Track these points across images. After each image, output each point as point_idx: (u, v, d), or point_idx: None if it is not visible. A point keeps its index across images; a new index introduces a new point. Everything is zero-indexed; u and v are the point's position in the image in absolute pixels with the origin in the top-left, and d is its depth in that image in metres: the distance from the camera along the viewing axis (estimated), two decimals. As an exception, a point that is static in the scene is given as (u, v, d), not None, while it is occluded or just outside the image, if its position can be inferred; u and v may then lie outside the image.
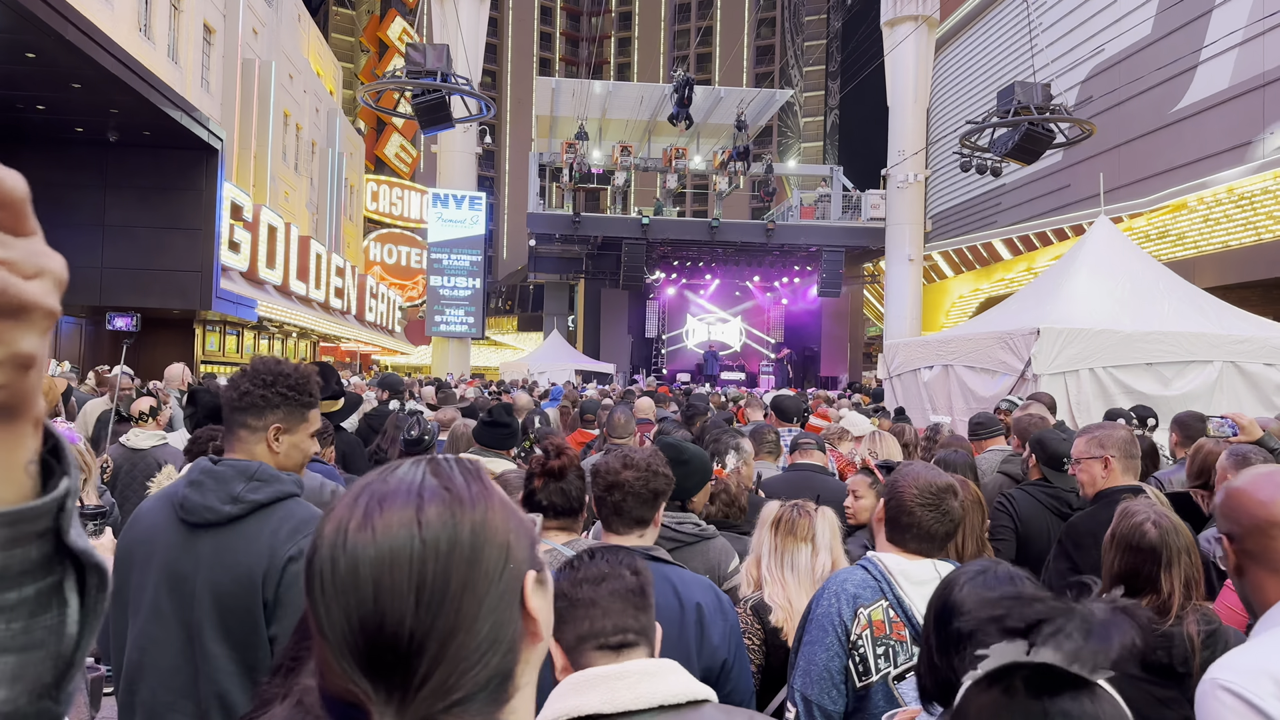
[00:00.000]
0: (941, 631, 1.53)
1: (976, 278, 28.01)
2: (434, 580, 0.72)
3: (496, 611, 0.75)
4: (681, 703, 1.39)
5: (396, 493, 0.76)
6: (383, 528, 0.73)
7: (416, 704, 0.71)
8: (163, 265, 15.64)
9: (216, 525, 2.06)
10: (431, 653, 0.71)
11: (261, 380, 2.19)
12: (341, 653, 0.72)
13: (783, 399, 5.75)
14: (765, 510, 2.93)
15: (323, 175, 30.41)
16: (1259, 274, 17.36)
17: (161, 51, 18.57)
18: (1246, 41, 18.39)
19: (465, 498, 0.77)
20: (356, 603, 0.71)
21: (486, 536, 0.76)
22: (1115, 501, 3.35)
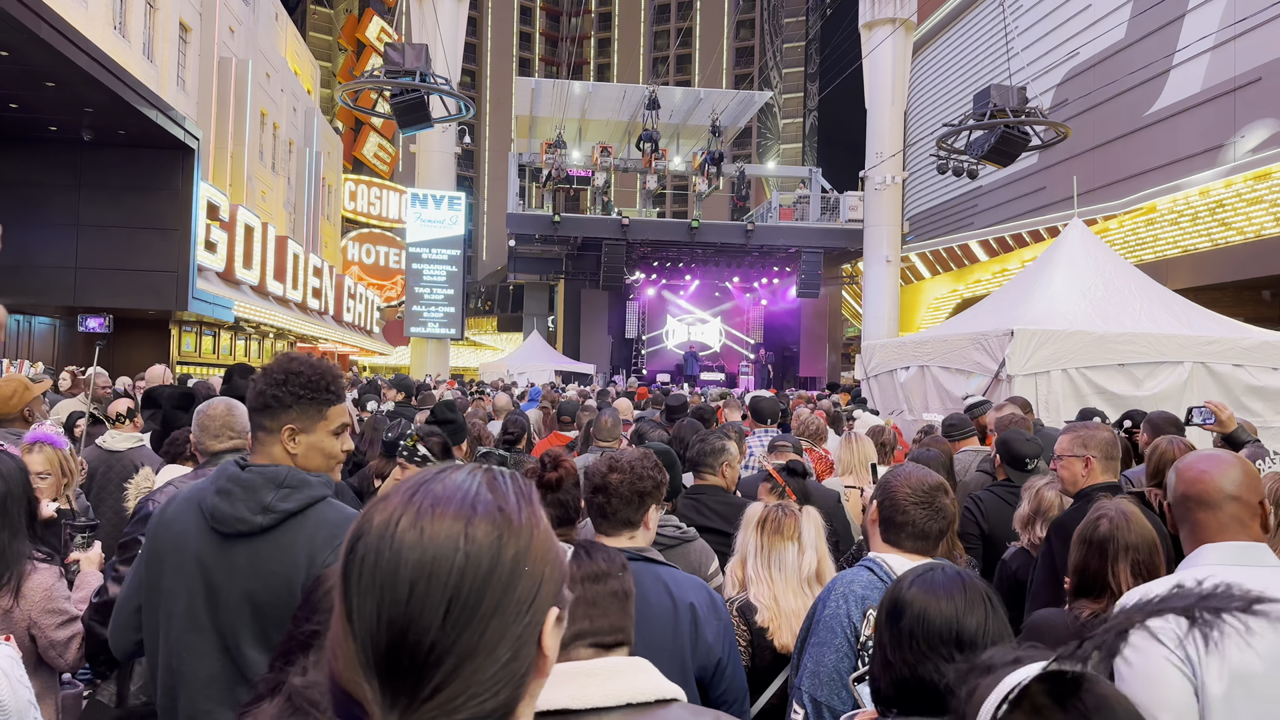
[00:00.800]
0: (894, 628, 1.57)
1: (953, 279, 28.24)
2: (468, 597, 0.73)
3: (518, 643, 0.75)
4: (649, 701, 1.40)
5: (451, 499, 0.77)
6: (431, 533, 0.74)
7: (419, 711, 0.71)
8: (138, 265, 15.48)
9: (249, 535, 2.03)
10: (448, 668, 0.72)
11: (274, 380, 2.13)
12: (363, 646, 0.72)
13: (760, 400, 5.79)
14: (749, 511, 2.96)
15: (300, 175, 30.22)
16: (1230, 276, 17.62)
17: (137, 50, 18.40)
18: (1218, 46, 18.66)
19: (515, 521, 0.78)
20: (390, 601, 0.72)
21: (526, 565, 0.76)
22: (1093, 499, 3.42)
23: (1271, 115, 17.08)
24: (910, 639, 1.54)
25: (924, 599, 1.56)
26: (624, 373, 30.25)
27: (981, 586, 1.61)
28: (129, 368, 13.81)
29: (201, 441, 3.04)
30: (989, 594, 1.60)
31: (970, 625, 1.54)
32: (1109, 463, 3.48)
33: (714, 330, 33.58)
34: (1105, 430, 3.57)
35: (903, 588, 1.60)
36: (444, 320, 24.31)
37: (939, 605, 1.55)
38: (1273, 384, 7.87)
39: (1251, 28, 17.63)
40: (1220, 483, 1.99)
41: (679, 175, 28.24)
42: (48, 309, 16.45)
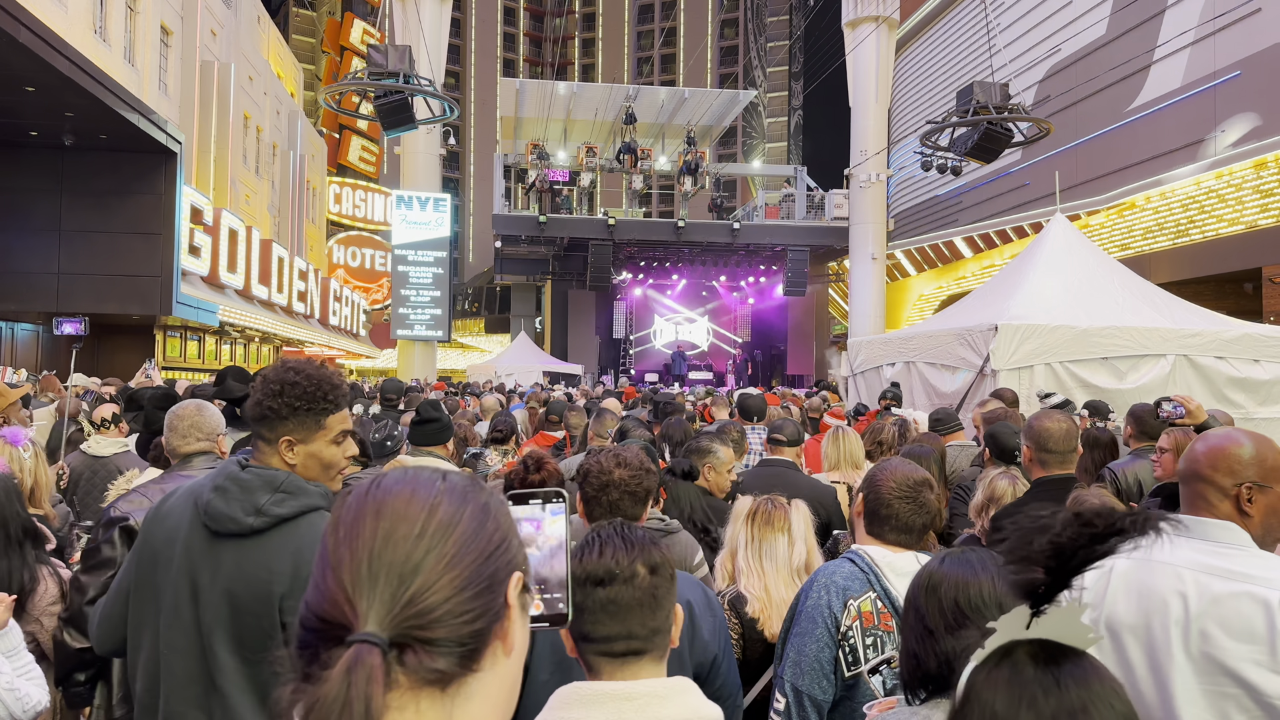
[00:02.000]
0: (934, 601, 1.60)
1: (938, 275, 28.35)
2: (442, 518, 0.82)
3: (486, 578, 0.82)
4: None
5: (429, 468, 0.90)
6: (411, 479, 0.86)
7: (396, 620, 0.76)
8: (121, 270, 15.40)
9: (239, 535, 2.01)
10: (423, 578, 0.78)
11: (271, 390, 2.12)
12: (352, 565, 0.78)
13: (747, 398, 5.81)
14: (739, 504, 2.99)
15: (284, 178, 30.10)
16: (1212, 269, 17.74)
17: (118, 54, 18.29)
18: (1198, 41, 18.78)
19: (483, 488, 0.89)
20: (377, 519, 0.81)
21: (496, 519, 0.87)
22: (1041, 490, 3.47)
23: (1252, 109, 17.20)
24: (954, 608, 1.57)
25: (960, 572, 1.60)
26: (612, 373, 30.26)
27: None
28: (114, 373, 13.74)
29: (170, 442, 3.02)
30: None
31: (1006, 591, 1.56)
32: (1046, 455, 3.51)
33: (701, 329, 33.62)
34: (1055, 421, 3.59)
35: (934, 567, 1.64)
36: (431, 322, 24.25)
37: (977, 577, 1.59)
38: (1255, 375, 7.94)
39: (1231, 23, 17.76)
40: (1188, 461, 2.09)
41: (664, 175, 28.25)
42: (30, 315, 16.35)
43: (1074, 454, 3.54)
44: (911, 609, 1.64)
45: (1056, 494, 3.39)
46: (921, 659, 1.60)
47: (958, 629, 1.56)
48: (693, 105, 27.53)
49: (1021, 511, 3.19)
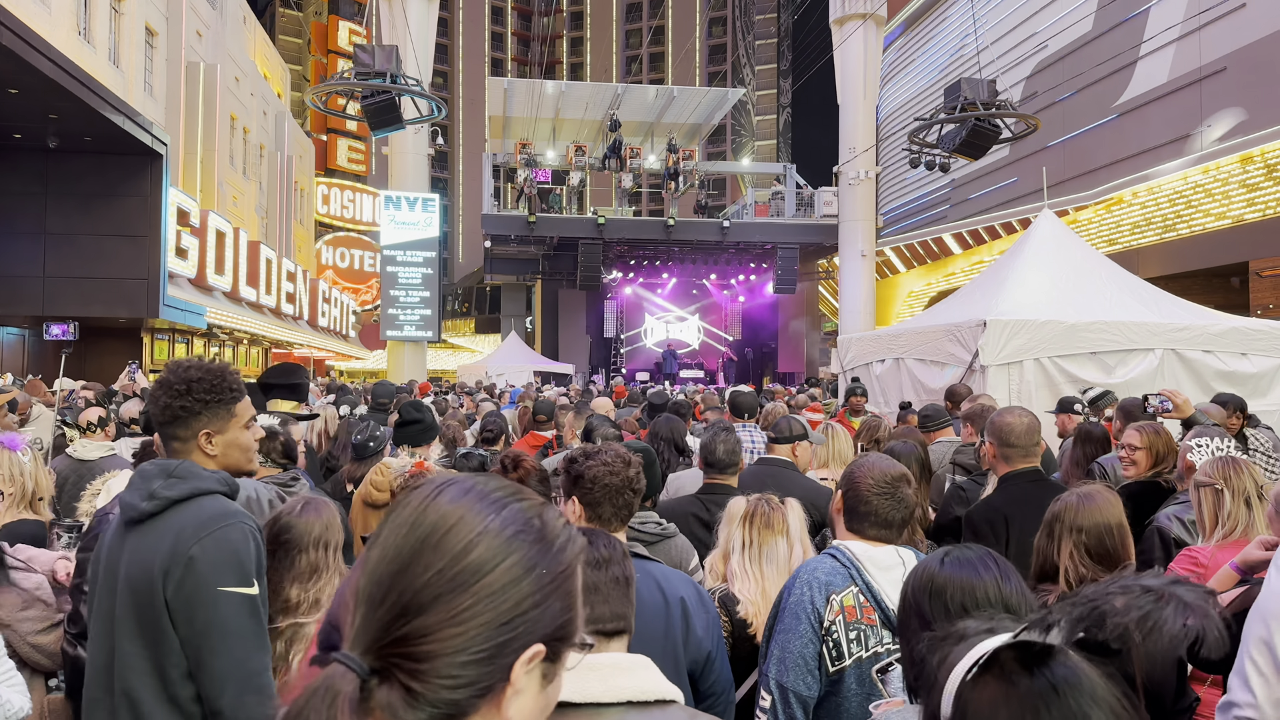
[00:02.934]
0: (938, 606, 1.58)
1: (928, 272, 28.43)
2: (471, 563, 0.76)
3: (496, 645, 0.76)
4: (649, 700, 1.39)
5: (504, 489, 0.84)
6: (471, 500, 0.80)
7: (383, 651, 0.73)
8: (107, 273, 15.31)
9: (140, 522, 2.08)
10: (423, 620, 0.74)
11: (176, 391, 2.18)
12: (369, 573, 0.76)
13: (738, 395, 5.79)
14: (733, 506, 2.96)
15: (272, 179, 29.97)
16: (1200, 263, 17.83)
17: (102, 55, 18.18)
18: (1183, 37, 18.87)
19: (548, 538, 0.82)
20: (407, 538, 0.77)
21: (539, 578, 0.79)
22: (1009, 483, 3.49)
23: (1237, 104, 17.29)
24: (962, 612, 1.55)
25: (962, 574, 1.59)
26: (603, 372, 30.24)
27: (1005, 560, 1.65)
28: (101, 376, 13.66)
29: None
30: (1013, 567, 1.64)
31: (1012, 592, 1.58)
32: (1020, 449, 3.52)
33: (692, 328, 33.63)
34: (1016, 416, 3.60)
35: (935, 569, 1.62)
36: (420, 323, 24.17)
37: (981, 577, 1.58)
38: (1242, 369, 7.97)
39: (1216, 18, 17.85)
40: None
41: (654, 174, 28.22)
42: (16, 319, 16.24)
43: (1037, 447, 3.55)
44: (914, 614, 1.62)
45: (1027, 487, 3.41)
46: (911, 673, 1.59)
47: None
48: (681, 104, 27.51)
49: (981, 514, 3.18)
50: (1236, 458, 2.96)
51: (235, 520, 2.06)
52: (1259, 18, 16.87)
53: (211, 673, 1.98)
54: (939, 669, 1.03)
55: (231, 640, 1.99)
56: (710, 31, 70.48)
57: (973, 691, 0.97)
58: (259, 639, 2.03)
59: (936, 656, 1.05)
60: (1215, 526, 2.91)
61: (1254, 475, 2.91)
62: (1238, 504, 2.87)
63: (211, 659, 1.98)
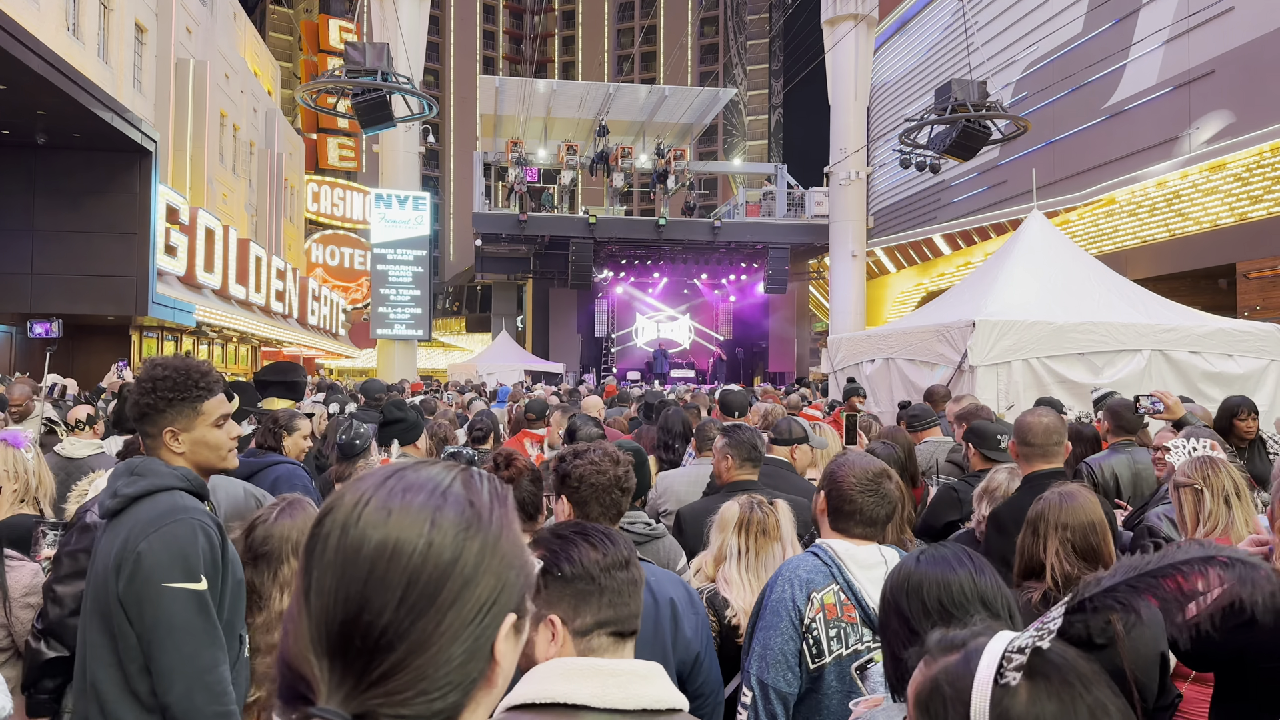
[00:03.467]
0: (916, 603, 1.60)
1: (918, 273, 28.50)
2: (426, 584, 0.72)
3: (474, 644, 0.75)
4: (661, 709, 1.41)
5: (422, 488, 0.77)
6: (398, 516, 0.74)
7: (364, 698, 0.70)
8: (96, 270, 15.24)
9: (110, 519, 2.14)
10: (398, 655, 0.71)
11: (143, 388, 2.21)
12: (318, 623, 0.72)
13: (729, 394, 5.80)
14: (726, 511, 2.94)
15: (262, 176, 29.87)
16: (1187, 265, 17.92)
17: (91, 51, 18.08)
18: (1173, 40, 18.95)
19: (484, 518, 0.78)
20: (349, 579, 0.72)
21: (490, 564, 0.76)
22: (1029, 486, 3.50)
23: (1225, 107, 17.38)
24: (939, 608, 1.58)
25: (939, 570, 1.62)
26: (594, 371, 30.23)
27: (978, 555, 1.67)
28: (89, 374, 13.60)
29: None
30: (986, 561, 1.67)
31: (987, 586, 1.61)
32: (1038, 449, 3.54)
33: (683, 327, 33.65)
34: (1036, 417, 3.61)
35: (912, 567, 1.65)
36: (411, 321, 24.12)
37: (956, 573, 1.61)
38: (1229, 370, 8.02)
39: (1204, 21, 17.94)
40: None
41: (645, 173, 28.23)
42: (3, 316, 16.15)
43: (1057, 448, 3.54)
44: (894, 612, 1.64)
45: (1042, 489, 3.41)
46: (909, 661, 1.61)
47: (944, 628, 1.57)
48: (673, 103, 27.53)
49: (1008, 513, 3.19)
50: (1214, 457, 3.00)
51: (184, 516, 2.08)
52: (1247, 21, 16.96)
53: (159, 668, 2.01)
54: (953, 684, 1.01)
55: (178, 636, 2.01)
56: (702, 31, 70.51)
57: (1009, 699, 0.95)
58: (209, 635, 2.03)
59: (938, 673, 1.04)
60: (1196, 525, 2.94)
61: (1232, 474, 2.94)
62: (1217, 502, 2.90)
63: (159, 654, 2.01)
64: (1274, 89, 16.12)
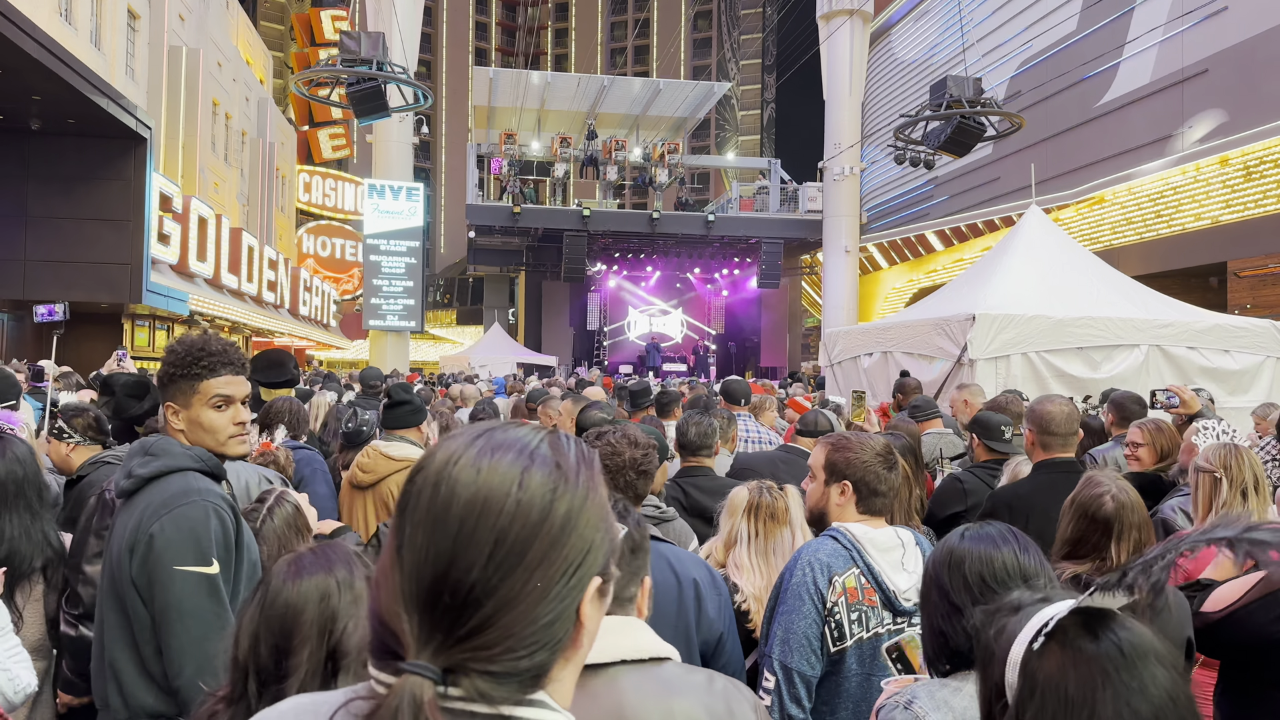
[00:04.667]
0: (958, 578, 1.62)
1: (910, 269, 28.56)
2: (514, 542, 0.73)
3: (561, 602, 0.75)
4: (644, 658, 1.42)
5: (511, 446, 0.78)
6: (487, 473, 0.75)
7: (452, 653, 0.72)
8: (89, 257, 15.14)
9: (125, 499, 2.13)
10: (487, 612, 0.72)
11: (163, 360, 2.25)
12: (409, 578, 0.73)
13: (732, 383, 5.82)
14: (735, 496, 2.95)
15: (254, 166, 29.71)
16: (1179, 263, 18.03)
17: (84, 37, 17.93)
18: (1167, 39, 19.04)
19: (571, 479, 0.78)
20: (440, 535, 0.73)
21: (577, 524, 0.77)
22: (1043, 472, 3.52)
23: (1218, 106, 17.47)
24: (980, 582, 1.60)
25: (982, 547, 1.64)
26: (586, 364, 30.22)
27: (1024, 534, 1.69)
28: (81, 362, 13.52)
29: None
30: (1032, 541, 1.68)
31: (1030, 564, 1.62)
32: (1059, 438, 3.57)
33: (675, 321, 33.65)
34: (1057, 406, 3.64)
35: (955, 544, 1.67)
36: (403, 313, 24.07)
37: (999, 550, 1.63)
38: (1225, 365, 8.09)
39: (1198, 21, 18.02)
40: None
41: (638, 167, 28.21)
42: (-4, 303, 16.05)
43: (1075, 437, 3.59)
44: (934, 586, 1.66)
45: (1058, 476, 3.45)
46: (949, 635, 1.62)
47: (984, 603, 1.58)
48: (666, 97, 27.49)
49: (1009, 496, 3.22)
50: (1240, 446, 2.97)
51: (197, 498, 2.05)
52: (1240, 20, 17.04)
53: (170, 651, 1.99)
54: (997, 640, 1.04)
55: (189, 620, 1.99)
56: (696, 25, 70.39)
57: (1040, 660, 0.98)
58: (220, 619, 2.00)
59: (994, 629, 1.07)
60: (1209, 513, 2.94)
61: (1255, 466, 2.92)
62: (1234, 494, 2.88)
63: (169, 638, 1.99)
64: (1267, 88, 16.22)
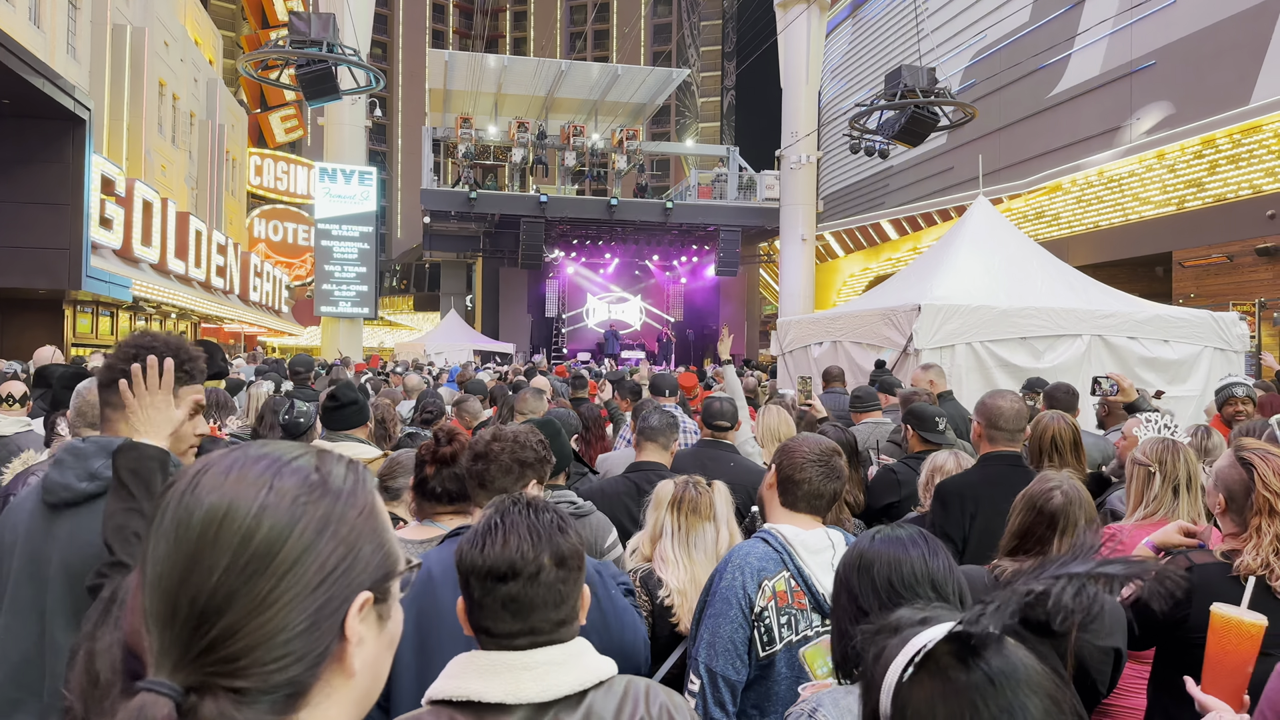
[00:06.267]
0: (866, 580, 1.60)
1: (866, 257, 28.80)
2: (259, 545, 0.70)
3: (315, 613, 0.71)
4: (587, 689, 1.39)
5: (264, 458, 0.75)
6: (234, 482, 0.72)
7: (193, 669, 0.67)
8: (25, 242, 14.70)
9: (75, 504, 1.93)
10: (227, 620, 0.68)
11: (124, 355, 1.98)
12: (149, 591, 0.69)
13: (659, 376, 5.81)
14: (661, 489, 2.93)
15: (202, 148, 29.09)
16: (1127, 252, 18.36)
17: (22, 15, 17.38)
18: (1116, 31, 19.32)
19: (332, 484, 0.75)
20: (182, 541, 0.70)
21: (337, 531, 0.74)
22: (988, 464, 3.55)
23: (1166, 98, 17.78)
24: (888, 587, 1.58)
25: (891, 550, 1.61)
26: (544, 351, 30.09)
27: (934, 538, 1.67)
28: (19, 350, 13.17)
29: (75, 427, 2.84)
30: (941, 545, 1.67)
31: (938, 569, 1.60)
32: (1006, 433, 3.60)
33: (634, 309, 33.62)
34: (1007, 401, 3.67)
35: (865, 546, 1.65)
36: (356, 299, 23.74)
37: (908, 554, 1.60)
38: (1164, 355, 8.23)
39: (1147, 14, 18.31)
40: None
41: (597, 153, 28.06)
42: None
43: (1021, 433, 3.64)
44: (844, 589, 1.64)
45: (1004, 469, 3.48)
46: (856, 639, 1.60)
47: (891, 608, 1.56)
48: (625, 82, 27.34)
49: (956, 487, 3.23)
50: (1176, 442, 2.99)
51: None
52: (1188, 14, 17.34)
53: None
54: (875, 665, 1.01)
55: None
56: (656, 10, 70.16)
57: (910, 690, 0.94)
58: None
59: (872, 652, 1.03)
60: (1139, 505, 2.97)
61: (1190, 464, 2.94)
62: (1166, 489, 2.91)
63: None
64: (1212, 81, 16.53)
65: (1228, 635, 1.84)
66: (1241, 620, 1.83)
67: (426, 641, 1.99)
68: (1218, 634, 1.86)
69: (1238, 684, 1.84)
